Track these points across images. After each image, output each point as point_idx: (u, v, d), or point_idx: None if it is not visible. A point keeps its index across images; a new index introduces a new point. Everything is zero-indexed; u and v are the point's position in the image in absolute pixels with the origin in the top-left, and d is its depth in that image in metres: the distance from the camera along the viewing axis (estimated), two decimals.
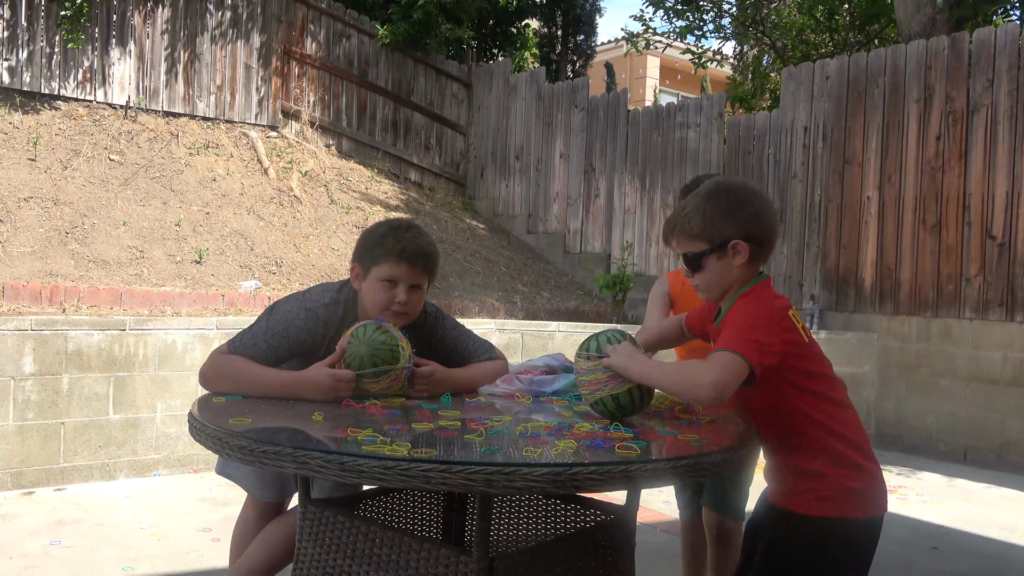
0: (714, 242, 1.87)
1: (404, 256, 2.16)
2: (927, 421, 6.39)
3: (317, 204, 7.92)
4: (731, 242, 1.85)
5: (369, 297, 2.18)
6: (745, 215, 1.87)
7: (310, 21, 9.01)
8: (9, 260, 5.46)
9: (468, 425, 1.78)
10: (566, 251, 9.03)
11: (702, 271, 1.90)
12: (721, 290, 1.92)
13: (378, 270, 2.16)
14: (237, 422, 1.72)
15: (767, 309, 1.84)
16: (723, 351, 1.76)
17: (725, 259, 1.87)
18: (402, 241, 2.18)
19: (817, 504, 1.85)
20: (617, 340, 1.94)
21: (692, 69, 17.78)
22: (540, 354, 5.73)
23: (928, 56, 6.55)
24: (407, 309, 2.18)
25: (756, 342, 1.76)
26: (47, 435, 4.26)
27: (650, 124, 8.42)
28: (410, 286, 2.18)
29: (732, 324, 1.83)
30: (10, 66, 7.16)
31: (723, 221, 1.86)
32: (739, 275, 1.89)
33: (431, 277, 2.26)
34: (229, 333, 4.72)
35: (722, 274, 1.89)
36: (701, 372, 1.75)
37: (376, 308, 2.17)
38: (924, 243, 6.52)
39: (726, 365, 1.73)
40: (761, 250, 1.89)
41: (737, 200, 1.89)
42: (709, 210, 1.88)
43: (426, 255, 2.21)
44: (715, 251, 1.87)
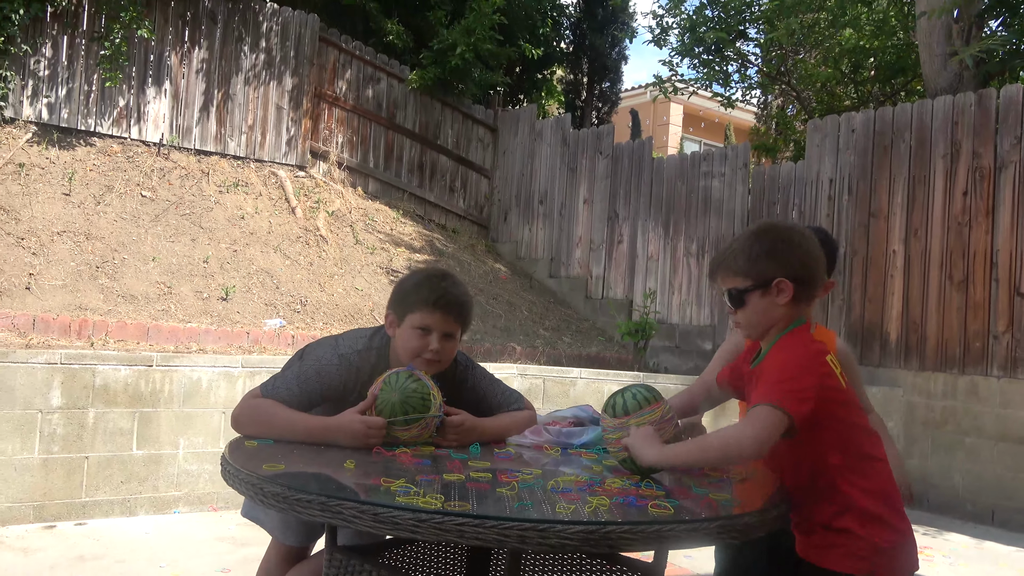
0: (759, 279, 1.89)
1: (439, 305, 2.18)
2: (953, 480, 6.28)
3: (342, 244, 8.00)
4: (776, 280, 1.87)
5: (402, 344, 2.21)
6: (792, 256, 1.89)
7: (341, 64, 9.18)
8: (41, 293, 5.54)
9: (499, 477, 1.78)
10: (588, 296, 9.04)
11: (745, 308, 1.92)
12: (763, 328, 1.93)
13: (412, 318, 2.19)
14: (271, 467, 1.73)
15: (803, 353, 1.84)
16: (760, 406, 1.76)
17: (769, 297, 1.88)
18: (437, 290, 2.20)
19: (847, 562, 1.83)
20: (643, 397, 1.93)
21: (716, 117, 17.87)
22: (562, 400, 5.72)
23: (955, 112, 6.57)
24: (440, 357, 2.20)
25: (792, 391, 1.76)
26: (71, 469, 4.29)
27: (675, 172, 8.46)
28: (443, 334, 2.20)
29: (768, 373, 1.84)
30: (49, 103, 7.34)
31: (769, 259, 1.88)
32: (782, 315, 1.90)
33: (464, 326, 2.28)
34: (254, 371, 4.76)
35: (765, 312, 1.90)
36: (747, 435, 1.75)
37: (409, 355, 2.19)
38: (951, 298, 6.47)
39: (764, 419, 1.74)
40: (805, 292, 1.90)
41: (785, 240, 1.92)
42: (756, 248, 1.90)
43: (460, 304, 2.23)
44: (759, 288, 1.89)
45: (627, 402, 1.92)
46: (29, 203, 6.42)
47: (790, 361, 1.82)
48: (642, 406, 1.90)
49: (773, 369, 1.83)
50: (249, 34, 8.46)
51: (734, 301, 1.93)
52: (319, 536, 2.30)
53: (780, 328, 1.92)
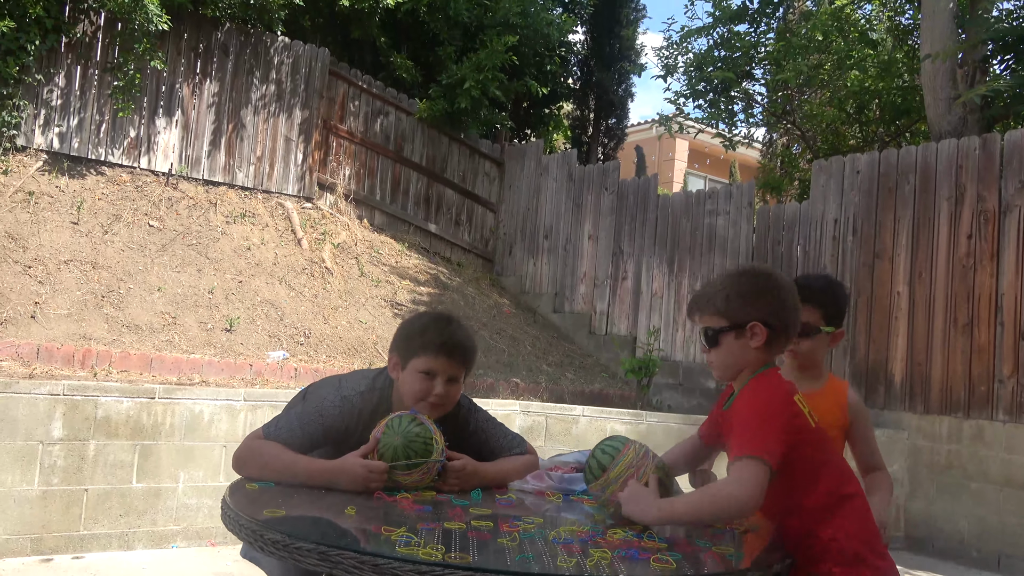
0: (734, 321, 1.93)
1: (443, 349, 2.19)
2: (959, 525, 6.22)
3: (348, 276, 8.02)
4: (751, 324, 1.91)
5: (406, 388, 2.21)
6: (770, 302, 1.94)
7: (350, 97, 9.27)
8: (46, 322, 5.56)
9: (500, 526, 1.77)
10: (591, 332, 9.03)
11: (719, 347, 1.96)
12: (735, 370, 1.96)
13: (416, 362, 2.19)
14: (271, 513, 1.72)
15: (772, 396, 1.87)
16: (741, 460, 1.78)
17: (743, 340, 1.93)
18: (442, 335, 2.21)
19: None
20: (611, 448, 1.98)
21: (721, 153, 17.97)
22: (565, 438, 5.69)
23: (959, 156, 6.60)
24: (444, 401, 2.20)
25: (766, 438, 1.79)
26: (70, 501, 4.26)
27: (680, 210, 8.50)
28: (447, 379, 2.20)
29: (740, 420, 1.86)
30: (60, 132, 7.41)
31: (747, 302, 1.93)
32: (753, 358, 1.93)
33: (468, 370, 2.28)
34: (256, 405, 4.76)
35: (738, 354, 1.94)
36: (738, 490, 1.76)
37: (413, 399, 2.19)
38: (955, 341, 6.46)
39: (750, 473, 1.76)
40: (778, 337, 1.94)
41: (763, 285, 1.96)
42: (735, 290, 1.96)
43: (464, 349, 2.24)
44: (734, 330, 1.93)
45: (599, 459, 1.97)
46: (37, 231, 6.46)
47: (759, 407, 1.85)
48: (613, 456, 1.96)
49: (744, 417, 1.86)
50: (260, 67, 8.55)
51: (709, 340, 1.98)
52: None
53: (748, 373, 1.95)
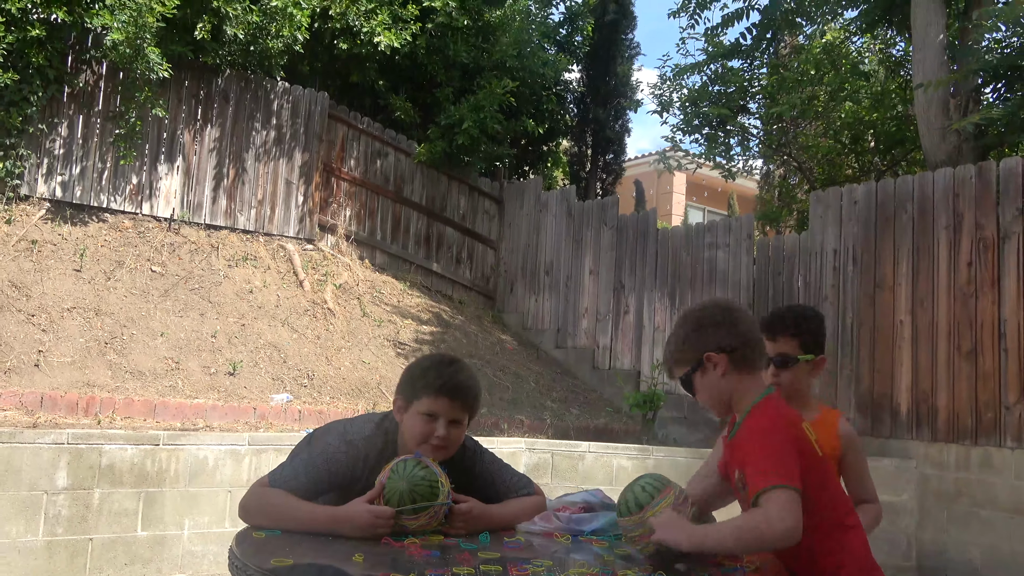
0: (691, 362, 2.02)
1: (444, 391, 2.19)
2: (970, 554, 6.15)
3: (350, 317, 8.03)
4: (703, 356, 1.99)
5: (409, 430, 2.21)
6: (708, 330, 2.01)
7: (350, 140, 9.36)
8: (50, 370, 5.56)
9: (509, 570, 1.76)
10: (595, 367, 9.01)
11: (697, 391, 2.04)
12: (721, 403, 2.02)
13: (419, 404, 2.20)
14: (279, 562, 1.72)
15: (772, 423, 1.89)
16: (772, 491, 1.78)
17: (707, 374, 2.00)
18: (443, 376, 2.22)
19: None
20: (653, 487, 1.96)
21: (719, 185, 18.07)
22: (571, 475, 5.65)
23: (956, 184, 6.64)
24: (446, 443, 2.20)
25: (787, 466, 1.81)
26: (75, 551, 4.24)
27: (680, 243, 8.53)
28: (450, 421, 2.20)
29: (751, 454, 1.86)
30: (63, 180, 7.48)
31: (692, 341, 2.02)
32: (729, 385, 1.98)
33: (472, 413, 2.28)
34: (260, 449, 4.74)
35: (712, 387, 2.00)
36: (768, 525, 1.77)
37: (415, 441, 2.19)
38: (960, 369, 6.44)
39: (786, 505, 1.77)
40: (737, 356, 1.99)
41: (700, 318, 2.05)
42: (680, 335, 2.06)
43: (467, 391, 2.24)
44: (696, 369, 2.01)
45: (638, 496, 1.95)
46: (41, 279, 6.49)
47: (762, 435, 1.87)
48: (653, 496, 1.93)
49: (753, 448, 1.87)
50: (260, 111, 8.65)
51: (687, 388, 2.05)
52: None
53: (747, 399, 1.98)
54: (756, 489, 1.82)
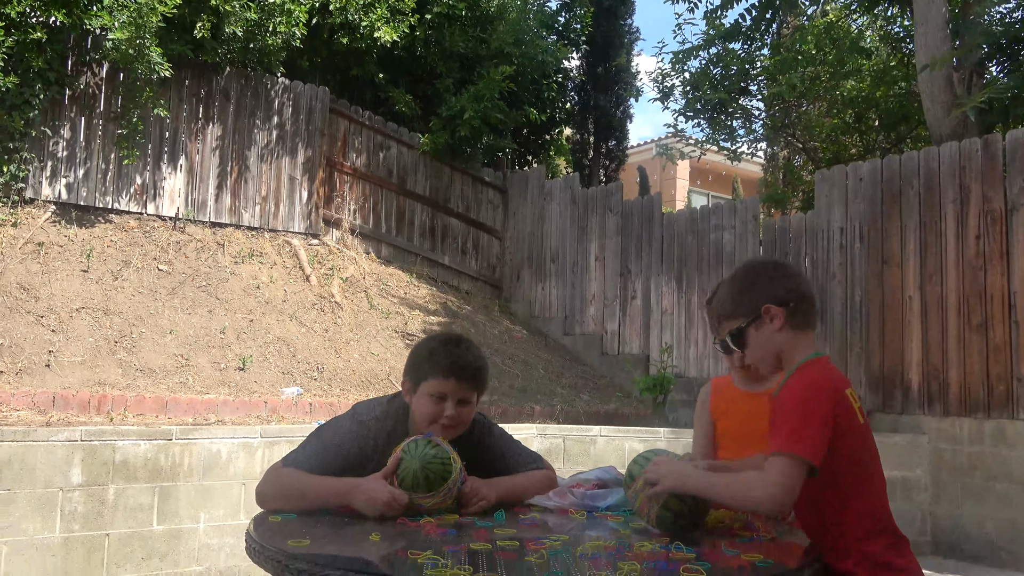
0: (747, 315, 1.97)
1: (452, 371, 2.19)
2: (986, 528, 6.14)
3: (357, 310, 8.04)
4: (763, 308, 1.94)
5: (418, 411, 2.21)
6: (769, 283, 1.98)
7: (352, 134, 9.36)
8: (60, 370, 5.58)
9: (526, 545, 1.76)
10: (603, 352, 9.01)
11: (748, 347, 1.99)
12: (772, 359, 1.98)
13: (427, 385, 2.20)
14: (296, 544, 1.72)
15: (815, 392, 1.85)
16: (778, 456, 1.77)
17: (763, 327, 1.95)
18: (451, 356, 2.22)
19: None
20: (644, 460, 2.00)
21: (723, 170, 18.02)
22: (583, 459, 5.66)
23: (962, 158, 6.61)
24: (455, 423, 2.20)
25: (809, 436, 1.78)
26: (92, 547, 4.26)
27: (685, 227, 8.51)
28: (458, 400, 2.20)
29: (782, 415, 1.84)
30: (68, 182, 7.49)
31: (748, 293, 1.98)
32: (783, 340, 1.95)
33: (479, 391, 2.28)
34: (272, 441, 4.75)
35: (766, 342, 1.96)
36: (759, 486, 1.77)
37: (425, 422, 2.19)
38: (971, 342, 6.42)
39: (784, 474, 1.75)
40: (795, 311, 1.95)
41: (758, 271, 2.03)
42: (735, 288, 2.02)
43: (475, 370, 2.24)
44: (752, 323, 1.96)
45: (631, 470, 2.02)
46: (48, 281, 6.51)
47: (799, 399, 1.84)
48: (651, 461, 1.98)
49: (785, 409, 1.84)
50: (261, 108, 8.65)
51: (738, 343, 2.01)
52: None
53: (797, 356, 1.94)
54: (772, 449, 1.81)
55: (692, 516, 1.92)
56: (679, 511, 1.90)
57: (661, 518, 1.92)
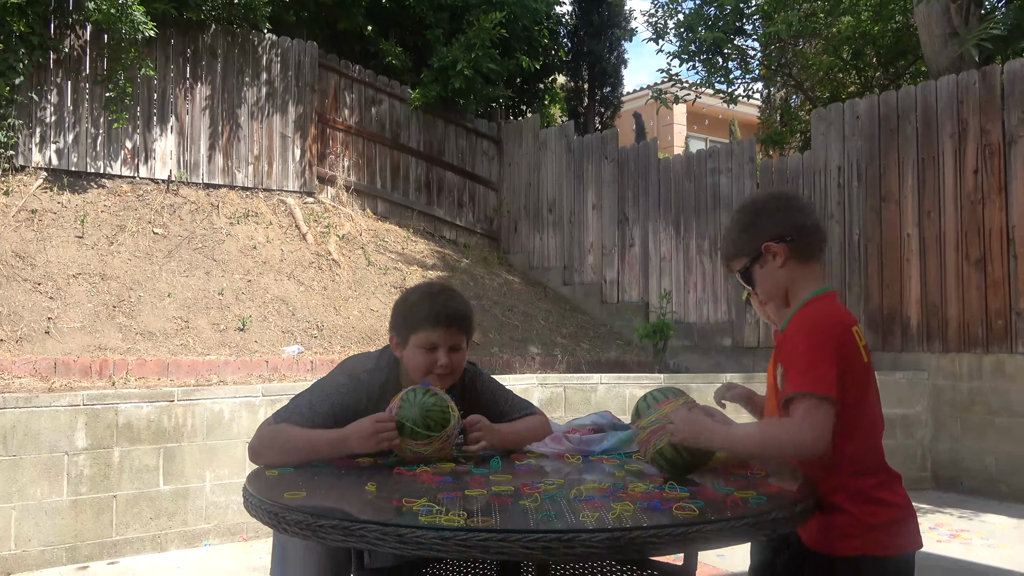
0: (750, 253, 1.95)
1: (440, 321, 2.19)
2: (986, 461, 6.20)
3: (355, 267, 8.03)
4: (763, 246, 1.93)
5: (411, 364, 2.21)
6: (766, 219, 1.96)
7: (343, 89, 9.24)
8: (60, 336, 5.59)
9: (521, 490, 1.77)
10: (603, 301, 9.02)
11: (756, 284, 1.98)
12: (780, 295, 1.96)
13: (416, 338, 2.20)
14: (292, 496, 1.73)
15: (823, 326, 1.84)
16: (803, 397, 1.75)
17: (767, 265, 1.94)
18: (436, 306, 2.22)
19: (838, 543, 1.83)
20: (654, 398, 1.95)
21: (719, 113, 17.82)
22: (584, 407, 5.70)
23: (959, 91, 6.52)
24: (449, 371, 2.21)
25: (824, 372, 1.76)
26: (100, 508, 4.31)
27: (682, 172, 8.45)
28: (449, 348, 2.20)
29: (794, 353, 1.82)
30: (58, 148, 7.42)
31: (749, 231, 1.96)
32: (787, 276, 1.93)
33: (469, 336, 2.28)
34: (275, 399, 4.78)
35: (772, 279, 1.95)
36: (785, 433, 1.77)
37: (419, 373, 2.20)
38: (969, 278, 6.41)
39: (809, 414, 1.74)
40: (797, 245, 1.93)
41: (756, 209, 2.00)
42: (736, 228, 2.00)
43: (461, 316, 2.24)
44: (755, 261, 1.95)
45: (639, 407, 1.98)
46: (44, 248, 6.49)
47: (807, 334, 1.83)
48: (651, 406, 1.95)
49: (795, 346, 1.83)
50: (250, 66, 8.53)
51: (746, 282, 2.00)
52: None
53: (804, 291, 1.93)
54: (789, 391, 1.79)
55: (686, 467, 1.91)
56: (673, 460, 1.90)
57: (656, 462, 1.93)
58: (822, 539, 1.86)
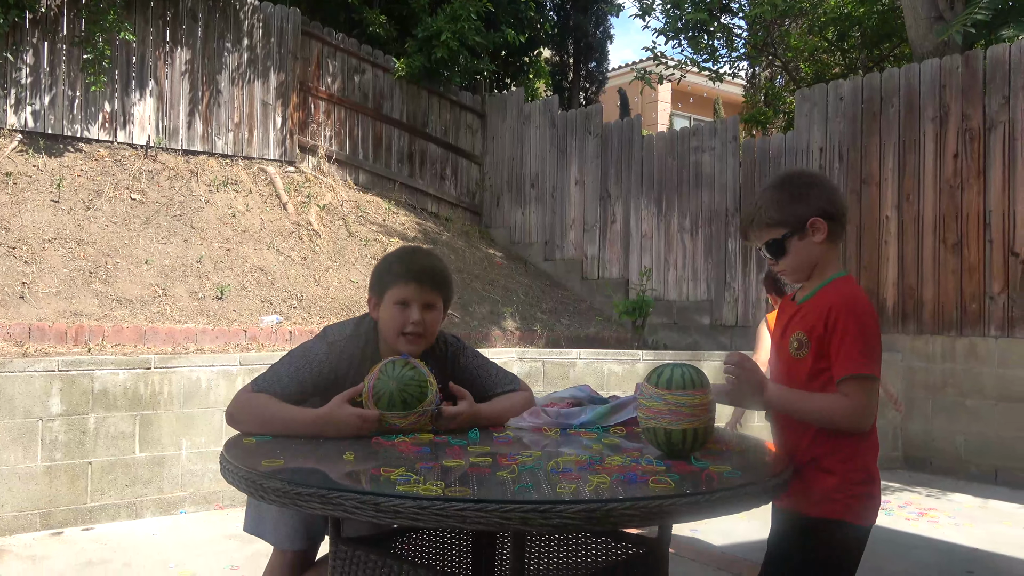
0: (793, 224, 1.98)
1: (411, 275, 2.19)
2: (956, 442, 6.31)
3: (336, 237, 7.98)
4: (809, 220, 1.96)
5: (385, 324, 2.21)
6: (816, 195, 2.00)
7: (326, 57, 9.13)
8: (35, 301, 5.53)
9: (499, 461, 1.78)
10: (584, 277, 9.04)
11: (787, 255, 2.00)
12: (807, 269, 2.01)
13: (390, 294, 2.20)
14: (269, 463, 1.73)
15: (868, 310, 1.94)
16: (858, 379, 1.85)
17: (806, 238, 1.98)
18: (409, 262, 2.23)
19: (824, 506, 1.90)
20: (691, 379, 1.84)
21: (704, 91, 17.81)
22: (562, 382, 5.72)
23: (942, 75, 6.55)
24: (422, 329, 2.19)
25: (877, 356, 1.89)
26: (75, 475, 4.29)
27: (665, 149, 8.44)
28: (423, 305, 2.19)
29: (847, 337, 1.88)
30: (34, 110, 7.29)
31: (797, 203, 1.98)
32: (821, 253, 1.99)
33: (444, 296, 2.27)
34: (252, 368, 4.76)
35: (806, 253, 1.99)
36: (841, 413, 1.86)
37: (392, 333, 2.19)
38: (945, 262, 6.48)
39: (865, 396, 1.86)
40: (836, 226, 2.00)
41: (806, 183, 2.03)
42: (784, 197, 2.00)
43: (434, 272, 2.24)
44: (795, 233, 1.98)
45: (674, 377, 1.85)
46: (19, 211, 6.39)
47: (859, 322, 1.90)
48: (687, 387, 1.84)
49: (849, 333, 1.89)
50: (231, 31, 8.40)
51: (776, 251, 2.01)
52: (322, 539, 2.29)
53: (830, 269, 2.00)
54: (844, 372, 1.86)
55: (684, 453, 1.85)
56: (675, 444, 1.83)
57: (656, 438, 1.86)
58: (803, 500, 1.92)
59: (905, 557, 4.17)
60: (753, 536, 4.26)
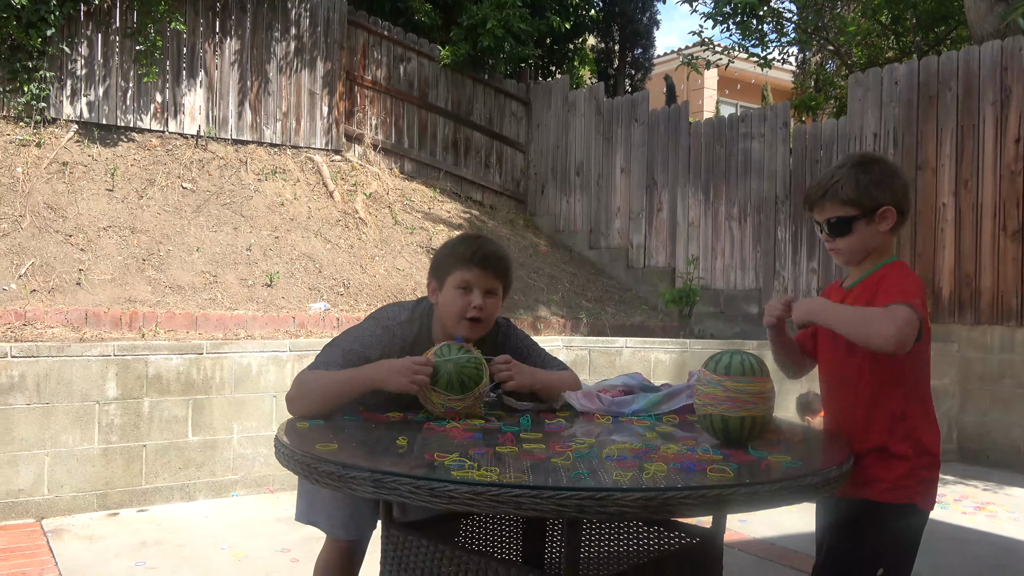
0: (867, 207, 1.96)
1: (475, 260, 2.19)
2: (1013, 435, 6.14)
3: (382, 225, 8.02)
4: (882, 208, 1.95)
5: (446, 307, 2.21)
6: (896, 185, 1.98)
7: (371, 46, 9.17)
8: (91, 287, 5.65)
9: (552, 448, 1.76)
10: (629, 266, 8.97)
11: (850, 235, 1.98)
12: (863, 254, 2.00)
13: (452, 278, 2.20)
14: (323, 447, 1.73)
15: (915, 280, 1.93)
16: (899, 305, 1.80)
17: (873, 225, 1.97)
18: (472, 246, 2.23)
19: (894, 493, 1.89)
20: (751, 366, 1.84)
21: (752, 78, 17.52)
22: (608, 371, 5.69)
23: (1004, 57, 6.35)
24: (483, 315, 2.19)
25: (922, 303, 1.85)
26: (130, 457, 4.38)
27: (712, 136, 8.32)
28: (485, 291, 2.19)
29: (893, 283, 1.89)
30: (89, 101, 7.44)
31: (877, 188, 1.96)
32: (880, 242, 1.99)
33: (504, 283, 2.27)
34: (302, 354, 4.81)
35: (869, 239, 1.98)
36: (884, 323, 1.79)
37: (453, 318, 2.19)
38: (1005, 250, 6.29)
39: (906, 318, 1.79)
40: (902, 220, 2.00)
41: (888, 171, 2.01)
42: (863, 178, 1.97)
43: (497, 258, 2.24)
44: (865, 216, 1.96)
45: (732, 363, 1.84)
46: (75, 200, 6.54)
47: (911, 281, 1.89)
48: (746, 373, 1.82)
49: (896, 281, 1.88)
50: (279, 21, 8.48)
51: (839, 229, 1.99)
52: (372, 530, 2.31)
53: (878, 256, 2.00)
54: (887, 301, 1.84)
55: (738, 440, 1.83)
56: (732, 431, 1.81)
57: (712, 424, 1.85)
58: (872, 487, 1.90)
59: (961, 552, 4.07)
60: (801, 528, 4.19)
